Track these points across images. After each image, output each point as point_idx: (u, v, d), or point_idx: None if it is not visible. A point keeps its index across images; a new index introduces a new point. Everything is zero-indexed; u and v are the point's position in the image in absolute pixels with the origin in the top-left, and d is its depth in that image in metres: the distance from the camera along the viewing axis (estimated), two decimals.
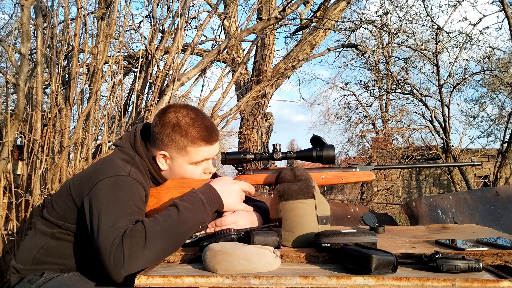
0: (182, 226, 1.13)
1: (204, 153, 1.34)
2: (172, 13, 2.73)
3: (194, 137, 1.31)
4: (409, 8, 7.65)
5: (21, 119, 2.11)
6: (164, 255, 1.11)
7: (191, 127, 1.31)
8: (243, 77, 6.32)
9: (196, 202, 1.19)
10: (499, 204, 3.53)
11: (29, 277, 1.25)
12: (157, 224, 1.09)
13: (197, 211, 1.18)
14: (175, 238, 1.11)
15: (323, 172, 1.42)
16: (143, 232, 1.06)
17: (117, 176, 1.20)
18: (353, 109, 10.93)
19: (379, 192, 9.99)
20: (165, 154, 1.33)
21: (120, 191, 1.17)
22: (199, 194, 1.22)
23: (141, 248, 1.05)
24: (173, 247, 1.12)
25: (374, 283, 0.95)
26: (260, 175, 1.40)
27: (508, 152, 7.25)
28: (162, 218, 1.12)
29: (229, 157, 1.40)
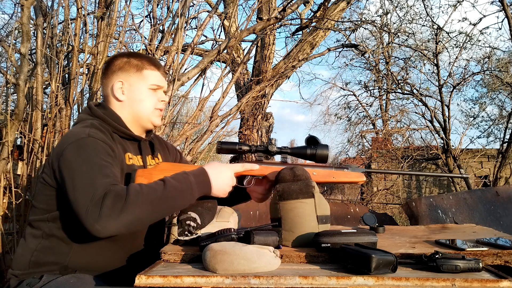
0: (164, 202, 1.16)
1: (158, 78, 1.45)
2: (172, 13, 2.73)
3: (149, 63, 1.45)
4: (409, 8, 7.65)
5: (21, 119, 2.11)
6: (139, 226, 1.14)
7: (144, 58, 1.47)
8: (243, 77, 6.32)
9: (184, 183, 1.21)
10: (499, 204, 3.53)
11: (28, 280, 1.25)
12: (140, 194, 1.11)
13: (183, 192, 1.20)
14: (153, 212, 1.14)
15: (316, 169, 1.43)
16: (123, 197, 1.09)
17: (78, 139, 1.23)
18: (353, 109, 10.92)
19: (379, 192, 9.98)
20: (122, 81, 1.41)
21: (86, 152, 1.20)
22: (190, 176, 1.24)
23: (118, 211, 1.07)
24: (149, 220, 1.15)
25: (374, 283, 0.95)
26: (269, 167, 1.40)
27: (508, 152, 7.24)
28: (146, 189, 1.14)
29: (225, 146, 1.41)
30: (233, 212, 1.56)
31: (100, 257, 1.29)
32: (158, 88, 1.46)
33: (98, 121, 1.36)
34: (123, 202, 1.08)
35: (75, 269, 1.27)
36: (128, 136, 1.41)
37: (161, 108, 1.47)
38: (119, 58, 1.45)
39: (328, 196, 12.66)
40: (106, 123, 1.37)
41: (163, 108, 1.48)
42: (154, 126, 1.47)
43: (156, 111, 1.45)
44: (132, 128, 1.43)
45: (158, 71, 1.46)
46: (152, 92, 1.44)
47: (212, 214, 1.42)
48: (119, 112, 1.42)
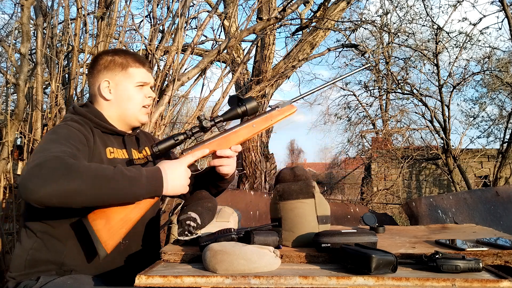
0: (107, 183, 1.10)
1: (144, 75, 1.45)
2: (172, 13, 2.73)
3: (133, 60, 1.45)
4: (409, 8, 7.65)
5: (21, 119, 2.12)
6: (76, 199, 1.06)
7: (128, 55, 1.46)
8: (243, 77, 6.32)
9: (135, 173, 1.16)
10: (499, 204, 3.53)
11: (25, 282, 1.24)
12: (86, 168, 1.08)
13: (131, 181, 1.14)
14: (94, 190, 1.08)
15: (252, 121, 1.40)
16: (68, 167, 1.06)
17: (55, 127, 1.30)
18: (353, 109, 10.92)
19: (379, 192, 9.99)
20: (108, 81, 1.41)
21: (56, 134, 1.24)
22: (143, 170, 1.19)
23: (58, 176, 1.04)
24: (87, 197, 1.08)
25: (374, 283, 0.95)
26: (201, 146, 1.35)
27: (508, 152, 7.25)
28: (94, 166, 1.11)
29: (161, 146, 1.31)
30: (233, 212, 1.57)
31: (96, 254, 1.28)
32: (144, 85, 1.46)
33: (79, 117, 1.38)
34: (66, 170, 1.05)
35: (72, 268, 1.26)
36: (110, 131, 1.42)
37: (148, 104, 1.48)
38: (104, 57, 1.44)
39: (328, 196, 12.67)
40: (87, 119, 1.39)
41: (150, 103, 1.49)
42: (141, 123, 1.48)
43: (143, 108, 1.46)
44: (117, 125, 1.44)
45: (143, 68, 1.46)
46: (138, 90, 1.45)
47: (212, 214, 1.42)
48: (105, 110, 1.43)
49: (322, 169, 23.15)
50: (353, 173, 13.11)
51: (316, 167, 25.97)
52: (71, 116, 1.38)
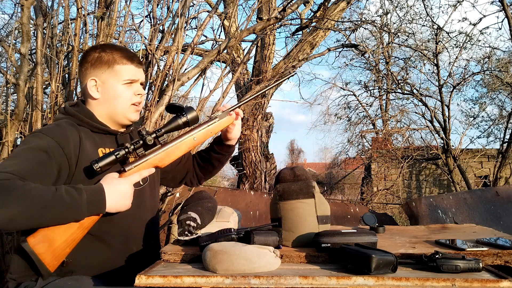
0: (43, 211, 1.11)
1: (131, 71, 1.40)
2: (172, 13, 2.73)
3: (121, 57, 1.39)
4: (409, 8, 7.65)
5: (21, 119, 2.11)
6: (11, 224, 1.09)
7: (116, 50, 1.41)
8: (243, 77, 6.32)
9: (75, 200, 1.15)
10: (499, 204, 3.53)
11: (26, 283, 1.24)
12: (24, 195, 1.08)
13: (68, 209, 1.14)
14: (28, 217, 1.10)
15: (193, 134, 1.41)
16: (7, 193, 1.06)
17: (32, 133, 1.27)
18: (353, 109, 10.92)
19: (379, 192, 9.99)
20: (95, 79, 1.38)
21: (24, 146, 1.22)
22: (84, 194, 1.18)
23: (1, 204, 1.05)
24: (23, 224, 1.11)
25: (374, 283, 0.95)
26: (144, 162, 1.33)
27: (508, 152, 7.25)
28: (34, 193, 1.10)
29: (102, 163, 1.25)
30: (233, 212, 1.57)
31: (95, 255, 1.29)
32: (133, 82, 1.41)
33: (70, 119, 1.35)
34: (4, 197, 1.06)
35: (72, 270, 1.26)
36: (102, 130, 1.39)
37: (138, 101, 1.42)
38: (91, 54, 1.40)
39: (328, 196, 12.66)
40: (78, 119, 1.36)
41: (140, 101, 1.43)
42: (130, 121, 1.44)
43: (132, 106, 1.41)
44: (108, 124, 1.41)
45: (131, 64, 1.41)
46: (126, 87, 1.40)
47: (212, 214, 1.42)
48: (95, 109, 1.39)
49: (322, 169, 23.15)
50: (353, 173, 13.12)
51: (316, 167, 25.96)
52: (61, 120, 1.34)
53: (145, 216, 1.44)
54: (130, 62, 1.40)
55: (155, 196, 1.54)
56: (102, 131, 1.39)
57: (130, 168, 1.29)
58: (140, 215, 1.41)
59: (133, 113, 1.42)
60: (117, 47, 1.44)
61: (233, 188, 6.45)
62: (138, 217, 1.40)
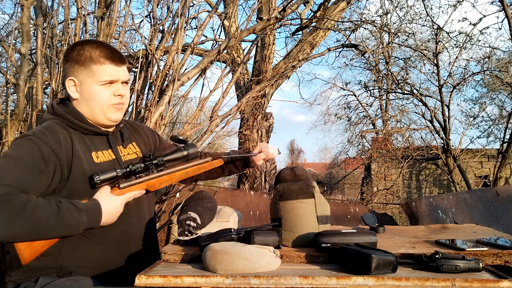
0: (47, 231, 1.16)
1: (109, 71, 1.33)
2: (172, 13, 2.73)
3: (98, 56, 1.33)
4: (409, 8, 7.65)
5: (21, 119, 2.11)
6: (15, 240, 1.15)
7: (94, 49, 1.34)
8: (243, 77, 6.32)
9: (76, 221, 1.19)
10: (499, 204, 3.53)
11: (25, 284, 1.24)
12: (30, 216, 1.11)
13: (70, 229, 1.19)
14: (33, 236, 1.16)
15: (186, 168, 1.45)
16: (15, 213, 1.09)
17: (23, 137, 1.24)
18: (353, 109, 10.91)
19: (379, 192, 9.98)
20: (73, 79, 1.34)
21: (18, 151, 1.20)
22: (84, 215, 1.21)
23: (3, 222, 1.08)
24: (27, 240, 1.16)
25: (374, 283, 0.95)
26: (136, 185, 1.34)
27: (508, 152, 7.25)
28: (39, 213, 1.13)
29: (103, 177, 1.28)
30: (233, 212, 1.57)
31: (95, 255, 1.29)
32: (112, 82, 1.34)
33: (60, 120, 1.32)
34: (11, 216, 1.09)
35: (71, 270, 1.26)
36: (93, 132, 1.36)
37: (119, 103, 1.36)
38: (72, 51, 1.35)
39: (328, 196, 12.66)
40: (68, 121, 1.32)
41: (121, 102, 1.37)
42: (112, 122, 1.38)
43: (111, 107, 1.35)
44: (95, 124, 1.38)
45: (110, 64, 1.33)
46: (104, 88, 1.33)
47: (212, 214, 1.42)
48: (79, 109, 1.36)
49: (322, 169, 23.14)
50: (353, 173, 13.11)
51: (316, 167, 25.95)
52: (51, 122, 1.31)
53: (144, 215, 1.44)
54: (108, 61, 1.33)
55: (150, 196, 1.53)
56: (92, 132, 1.35)
57: (124, 187, 1.31)
58: (139, 214, 1.41)
59: (113, 114, 1.36)
60: (97, 44, 1.37)
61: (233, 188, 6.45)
62: (137, 216, 1.40)
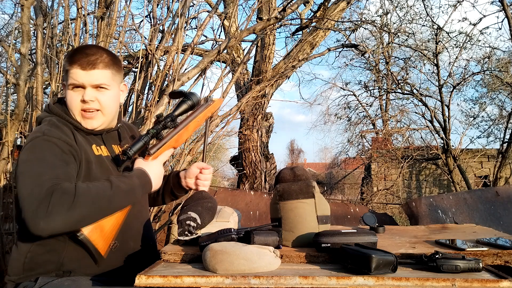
0: (109, 202, 1.18)
1: (75, 75, 1.29)
2: (172, 13, 2.73)
3: (71, 58, 1.31)
4: (409, 8, 7.65)
5: (21, 119, 2.11)
6: (83, 224, 1.16)
7: (75, 51, 1.33)
8: (243, 77, 6.32)
9: (129, 184, 1.25)
10: (499, 204, 3.53)
11: (24, 284, 1.24)
12: (87, 194, 1.13)
13: (128, 194, 1.24)
14: (98, 212, 1.17)
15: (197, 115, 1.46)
16: (72, 196, 1.10)
17: (33, 139, 1.24)
18: (353, 109, 10.92)
19: (379, 192, 9.98)
20: (64, 83, 1.36)
21: (37, 152, 1.21)
22: (134, 177, 1.27)
23: (66, 209, 1.08)
24: (93, 219, 1.18)
25: (374, 283, 0.95)
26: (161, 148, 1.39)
27: (508, 152, 7.25)
28: (94, 189, 1.16)
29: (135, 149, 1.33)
30: (233, 212, 1.57)
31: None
32: (77, 87, 1.30)
33: (57, 118, 1.33)
34: (71, 200, 1.09)
35: (70, 269, 1.26)
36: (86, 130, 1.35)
37: (87, 108, 1.31)
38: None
39: (328, 196, 12.66)
40: (63, 119, 1.33)
41: (90, 107, 1.32)
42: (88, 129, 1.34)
43: (82, 113, 1.32)
44: None
45: (77, 68, 1.28)
46: (72, 92, 1.31)
47: (212, 214, 1.42)
48: None
49: (322, 169, 23.15)
50: (353, 173, 13.12)
51: (316, 167, 25.96)
52: (50, 118, 1.31)
53: (142, 214, 1.44)
54: (76, 65, 1.29)
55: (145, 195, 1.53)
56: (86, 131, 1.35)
57: (155, 151, 1.37)
58: (137, 213, 1.41)
59: (84, 121, 1.33)
60: (82, 47, 1.35)
61: (233, 188, 6.45)
62: (135, 215, 1.39)
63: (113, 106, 1.38)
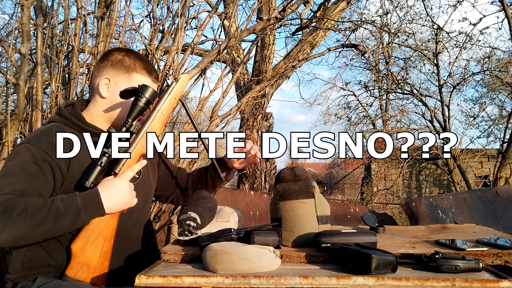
0: (45, 225, 1.14)
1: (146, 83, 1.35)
2: (172, 13, 2.73)
3: (141, 67, 1.39)
4: (409, 8, 7.65)
5: (21, 119, 2.12)
6: (19, 243, 1.18)
7: (138, 59, 1.41)
8: (243, 77, 6.32)
9: (70, 206, 1.18)
10: (499, 204, 3.53)
11: (22, 283, 1.24)
12: (22, 215, 1.12)
13: (67, 216, 1.17)
14: (34, 233, 1.14)
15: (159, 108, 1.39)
16: (8, 216, 1.10)
17: (20, 145, 1.26)
18: (353, 109, 10.90)
19: (379, 192, 9.98)
20: (109, 78, 1.37)
21: (14, 161, 1.22)
22: (78, 199, 1.19)
23: (3, 226, 1.10)
24: (32, 239, 1.17)
25: (374, 283, 0.95)
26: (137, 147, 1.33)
27: (508, 152, 7.24)
28: (32, 210, 1.13)
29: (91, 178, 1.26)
30: (233, 212, 1.57)
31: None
32: None
33: (63, 122, 1.33)
34: (5, 220, 1.10)
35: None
36: (92, 133, 1.35)
37: (139, 117, 1.38)
38: (115, 54, 1.40)
39: (328, 196, 12.65)
40: (71, 122, 1.34)
41: (141, 117, 1.39)
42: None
43: None
44: (103, 125, 1.38)
45: (149, 77, 1.41)
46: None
47: (212, 214, 1.42)
48: (99, 107, 1.37)
49: (322, 169, 23.13)
50: (353, 173, 13.11)
51: (316, 167, 25.94)
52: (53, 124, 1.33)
53: (140, 219, 1.43)
54: (148, 75, 1.41)
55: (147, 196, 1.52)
56: (92, 133, 1.35)
57: (119, 169, 1.29)
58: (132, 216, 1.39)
59: None
60: (141, 57, 1.44)
61: (233, 188, 6.45)
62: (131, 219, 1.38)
63: None
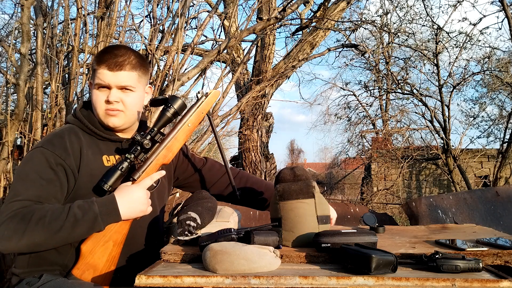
0: (63, 231, 1.16)
1: (101, 76, 1.30)
2: (172, 13, 2.73)
3: (98, 59, 1.32)
4: (409, 8, 7.66)
5: (21, 119, 2.12)
6: (38, 249, 1.19)
7: (102, 52, 1.34)
8: (243, 77, 6.32)
9: (88, 214, 1.19)
10: (499, 204, 3.53)
11: (28, 279, 1.25)
12: (41, 222, 1.14)
13: (85, 222, 1.18)
14: (52, 239, 1.16)
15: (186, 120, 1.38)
16: (26, 223, 1.13)
17: (34, 149, 1.28)
18: (353, 109, 10.92)
19: (379, 192, 9.98)
20: (91, 81, 1.36)
21: (30, 165, 1.24)
22: (96, 206, 1.21)
23: (18, 236, 1.13)
24: (49, 245, 1.19)
25: (374, 283, 0.95)
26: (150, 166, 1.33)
27: (508, 152, 7.25)
28: (50, 217, 1.15)
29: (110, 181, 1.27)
30: (233, 212, 1.56)
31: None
32: (103, 87, 1.31)
33: (77, 124, 1.34)
34: (24, 227, 1.12)
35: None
36: (106, 139, 1.36)
37: (112, 109, 1.32)
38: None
39: (328, 196, 12.66)
40: (84, 125, 1.34)
41: (112, 109, 1.32)
42: (111, 127, 1.36)
43: (104, 113, 1.33)
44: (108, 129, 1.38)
45: (104, 68, 1.30)
46: (98, 92, 1.32)
47: (212, 214, 1.42)
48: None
49: (322, 169, 23.14)
50: (353, 173, 13.12)
51: (316, 167, 25.96)
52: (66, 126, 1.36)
53: (147, 222, 1.43)
54: (103, 65, 1.30)
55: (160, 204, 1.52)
56: (105, 139, 1.37)
57: (139, 176, 1.30)
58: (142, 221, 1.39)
59: (107, 119, 1.33)
60: (109, 48, 1.36)
61: None
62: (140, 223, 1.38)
63: (137, 107, 1.38)
